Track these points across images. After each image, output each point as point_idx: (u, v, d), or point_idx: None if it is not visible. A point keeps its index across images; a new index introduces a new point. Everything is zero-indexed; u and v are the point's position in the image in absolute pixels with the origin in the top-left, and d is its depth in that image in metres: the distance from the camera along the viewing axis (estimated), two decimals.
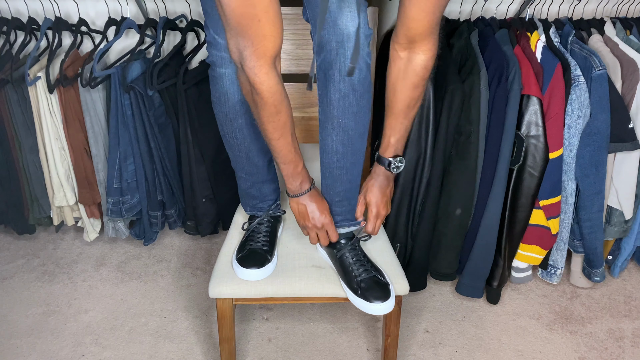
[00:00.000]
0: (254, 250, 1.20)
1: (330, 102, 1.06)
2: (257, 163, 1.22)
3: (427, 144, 1.42)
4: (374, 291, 1.11)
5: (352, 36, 1.00)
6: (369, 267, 1.15)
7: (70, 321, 1.52)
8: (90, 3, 1.69)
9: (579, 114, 1.43)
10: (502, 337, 1.50)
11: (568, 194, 1.51)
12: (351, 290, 1.13)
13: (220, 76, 1.09)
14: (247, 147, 1.18)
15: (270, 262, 1.18)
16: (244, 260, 1.17)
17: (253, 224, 1.27)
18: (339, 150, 1.11)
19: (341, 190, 1.17)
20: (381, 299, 1.10)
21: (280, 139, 1.01)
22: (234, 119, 1.13)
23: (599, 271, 1.62)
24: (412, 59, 1.02)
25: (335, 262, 1.19)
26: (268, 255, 1.19)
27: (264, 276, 1.17)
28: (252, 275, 1.16)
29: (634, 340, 1.50)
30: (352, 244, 1.19)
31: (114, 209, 1.64)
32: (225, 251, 1.25)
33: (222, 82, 1.09)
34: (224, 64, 1.07)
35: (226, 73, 1.08)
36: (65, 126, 1.58)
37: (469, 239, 1.51)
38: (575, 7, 1.73)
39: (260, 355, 1.42)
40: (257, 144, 1.18)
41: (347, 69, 1.01)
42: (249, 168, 1.22)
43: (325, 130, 1.11)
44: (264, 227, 1.26)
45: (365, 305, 1.11)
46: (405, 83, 1.05)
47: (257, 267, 1.16)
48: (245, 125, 1.14)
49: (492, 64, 1.39)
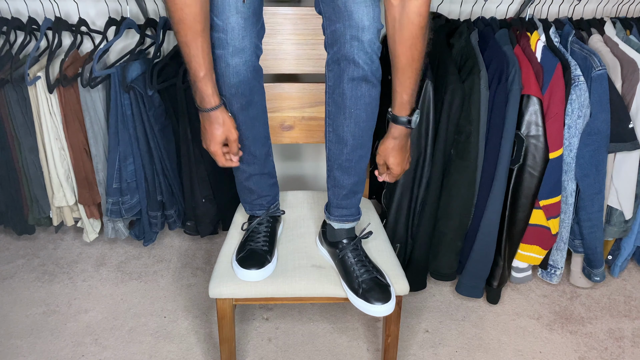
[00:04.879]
0: (253, 251, 1.19)
1: (343, 92, 1.08)
2: (254, 152, 1.20)
3: (427, 144, 1.42)
4: (375, 292, 1.11)
5: (367, 29, 1.01)
6: (370, 267, 1.16)
7: (70, 321, 1.52)
8: (90, 3, 1.69)
9: (579, 114, 1.43)
10: (502, 337, 1.50)
11: (568, 194, 1.51)
12: (352, 290, 1.13)
13: (217, 58, 1.06)
14: (243, 135, 1.15)
15: (270, 263, 1.18)
16: (244, 260, 1.17)
17: (252, 224, 1.27)
18: (349, 142, 1.13)
19: (348, 184, 1.17)
20: (382, 301, 1.11)
21: (182, 35, 0.99)
22: (230, 103, 1.11)
23: (599, 271, 1.62)
24: (405, 6, 0.98)
25: (337, 262, 1.19)
26: (268, 256, 1.19)
27: (264, 277, 1.17)
28: (252, 276, 1.16)
29: (634, 340, 1.50)
30: (354, 243, 1.19)
31: (113, 209, 1.64)
32: (225, 251, 1.25)
33: (220, 64, 1.07)
34: (221, 45, 1.05)
35: (222, 55, 1.06)
36: (65, 126, 1.58)
37: (469, 239, 1.51)
38: (575, 7, 1.73)
39: (260, 355, 1.42)
40: (253, 132, 1.17)
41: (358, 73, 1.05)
42: (246, 157, 1.20)
43: (337, 121, 1.12)
44: (263, 227, 1.26)
45: (366, 306, 1.11)
46: (403, 34, 1.01)
47: (257, 268, 1.16)
48: (240, 111, 1.13)
49: (492, 64, 1.39)
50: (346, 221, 1.21)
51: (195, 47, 1.01)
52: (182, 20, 0.98)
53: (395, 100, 1.09)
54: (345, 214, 1.21)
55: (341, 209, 1.20)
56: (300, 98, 1.39)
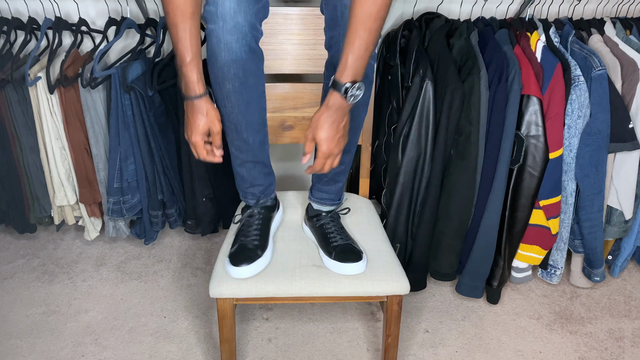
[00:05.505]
0: (244, 246, 1.18)
1: None
2: (247, 139, 1.15)
3: (427, 144, 1.42)
4: (347, 254, 1.18)
5: None
6: (344, 236, 1.23)
7: (70, 321, 1.52)
8: (90, 3, 1.69)
9: (579, 114, 1.43)
10: (502, 337, 1.50)
11: (568, 194, 1.51)
12: (327, 254, 1.20)
13: (209, 33, 1.01)
14: (235, 118, 1.11)
15: (260, 257, 1.16)
16: (234, 256, 1.16)
17: (244, 216, 1.25)
18: None
19: (330, 172, 1.21)
20: (353, 261, 1.17)
21: (171, 17, 0.99)
22: (222, 82, 1.06)
23: (599, 271, 1.62)
24: None
25: (315, 232, 1.26)
26: (259, 250, 1.17)
27: (256, 272, 1.15)
28: (242, 273, 1.14)
29: (634, 340, 1.50)
30: (331, 215, 1.27)
31: (114, 209, 1.64)
32: (225, 250, 1.25)
33: (211, 40, 1.01)
34: (212, 19, 1.00)
35: (214, 30, 1.00)
36: (65, 126, 1.58)
37: (469, 239, 1.51)
38: (575, 7, 1.73)
39: (260, 355, 1.42)
40: (246, 117, 1.12)
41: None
42: (238, 143, 1.16)
43: None
44: (254, 220, 1.24)
45: (338, 266, 1.17)
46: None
47: (247, 264, 1.14)
48: (232, 92, 1.07)
49: (492, 64, 1.39)
50: (324, 204, 1.28)
51: (183, 29, 0.99)
52: (171, 1, 0.97)
53: (340, 60, 1.00)
54: (325, 197, 1.27)
55: (321, 193, 1.27)
56: (301, 98, 1.39)
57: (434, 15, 1.59)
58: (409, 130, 1.42)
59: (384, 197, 1.54)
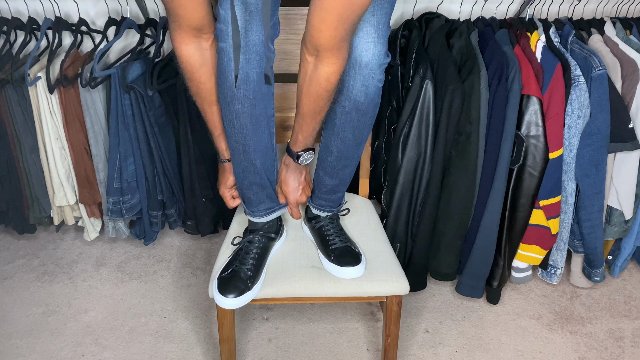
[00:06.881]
0: (236, 273, 1.15)
1: (334, 113, 1.11)
2: (254, 161, 1.14)
3: (427, 144, 1.42)
4: (346, 257, 1.19)
5: (364, 65, 1.03)
6: (343, 238, 1.24)
7: (70, 321, 1.52)
8: (90, 3, 1.69)
9: (579, 114, 1.43)
10: (502, 337, 1.50)
11: (568, 194, 1.51)
12: (326, 257, 1.21)
13: (220, 51, 1.02)
14: (244, 139, 1.11)
15: (249, 291, 1.13)
16: (224, 283, 1.14)
17: (243, 240, 1.22)
18: (334, 153, 1.18)
19: (329, 184, 1.24)
20: (351, 264, 1.18)
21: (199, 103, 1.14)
22: (231, 102, 1.06)
23: (599, 271, 1.62)
24: (318, 67, 0.98)
25: (314, 233, 1.28)
26: (249, 282, 1.14)
27: (241, 305, 1.13)
28: (229, 304, 1.13)
29: (634, 340, 1.50)
30: (330, 217, 1.29)
31: (114, 209, 1.64)
32: (224, 251, 1.25)
33: (222, 59, 1.03)
34: (223, 37, 1.01)
35: (224, 48, 1.01)
36: (65, 126, 1.58)
37: (469, 239, 1.51)
38: (575, 7, 1.73)
39: (260, 355, 1.42)
40: (254, 138, 1.11)
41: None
42: (246, 164, 1.15)
43: (326, 131, 1.17)
44: (253, 247, 1.20)
45: (337, 269, 1.18)
46: (310, 90, 1.02)
47: (235, 296, 1.12)
48: (242, 113, 1.07)
49: (492, 64, 1.39)
50: (323, 210, 1.29)
51: (210, 112, 1.14)
52: (198, 94, 1.11)
53: (292, 133, 1.15)
54: (324, 205, 1.28)
55: (321, 200, 1.28)
56: None
57: (434, 15, 1.59)
58: (409, 130, 1.42)
59: (383, 197, 1.54)
